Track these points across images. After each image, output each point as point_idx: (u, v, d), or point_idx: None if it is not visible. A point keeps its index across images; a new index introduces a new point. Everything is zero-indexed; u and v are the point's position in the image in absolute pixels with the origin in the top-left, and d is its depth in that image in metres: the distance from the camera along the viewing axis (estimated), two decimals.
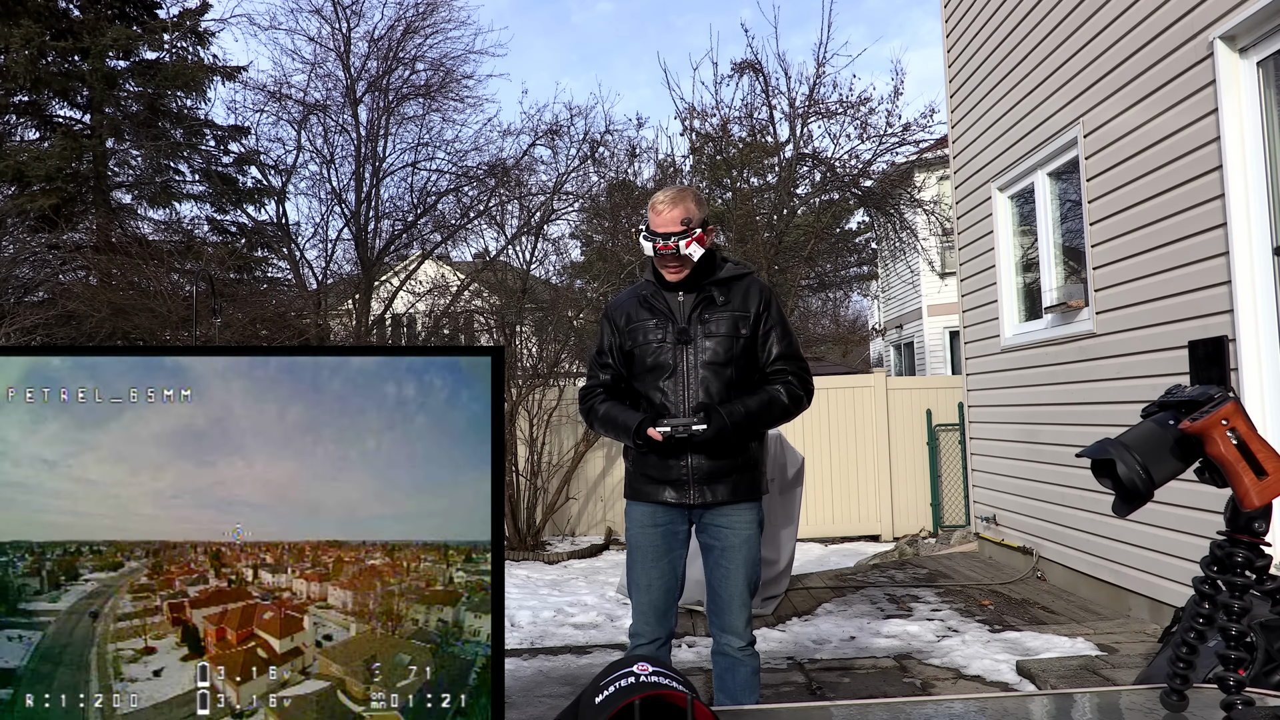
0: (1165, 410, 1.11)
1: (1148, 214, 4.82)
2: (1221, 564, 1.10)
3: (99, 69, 14.12)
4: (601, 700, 0.95)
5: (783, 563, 5.70)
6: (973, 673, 4.20)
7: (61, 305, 10.49)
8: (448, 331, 11.43)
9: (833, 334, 23.52)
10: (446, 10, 13.81)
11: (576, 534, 10.10)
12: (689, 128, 12.55)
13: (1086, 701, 1.30)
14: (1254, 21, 4.00)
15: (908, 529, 9.93)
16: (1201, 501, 4.18)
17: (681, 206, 2.71)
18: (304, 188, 18.94)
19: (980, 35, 7.05)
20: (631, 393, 2.86)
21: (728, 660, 2.76)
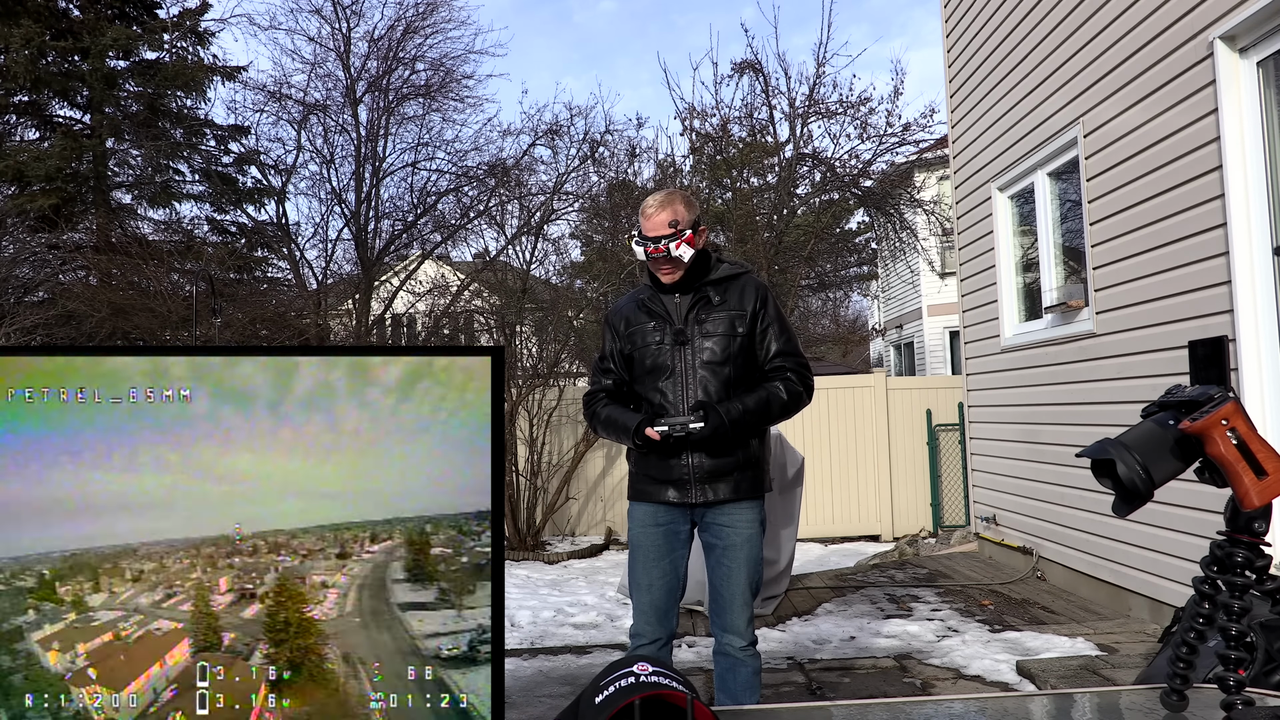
0: (1165, 410, 1.11)
1: (1148, 214, 4.82)
2: (1221, 564, 1.10)
3: (99, 69, 14.12)
4: (601, 700, 0.95)
5: (783, 563, 5.70)
6: (973, 673, 4.20)
7: (61, 305, 10.49)
8: (448, 331, 11.43)
9: (833, 334, 23.53)
10: (446, 10, 13.83)
11: (576, 534, 10.10)
12: (689, 128, 12.56)
13: (1086, 701, 1.30)
14: (1254, 21, 4.00)
15: (908, 529, 9.93)
16: (1201, 501, 4.18)
17: (669, 209, 2.73)
18: (304, 188, 18.99)
19: (980, 35, 7.05)
20: (634, 396, 2.88)
21: (729, 660, 2.76)
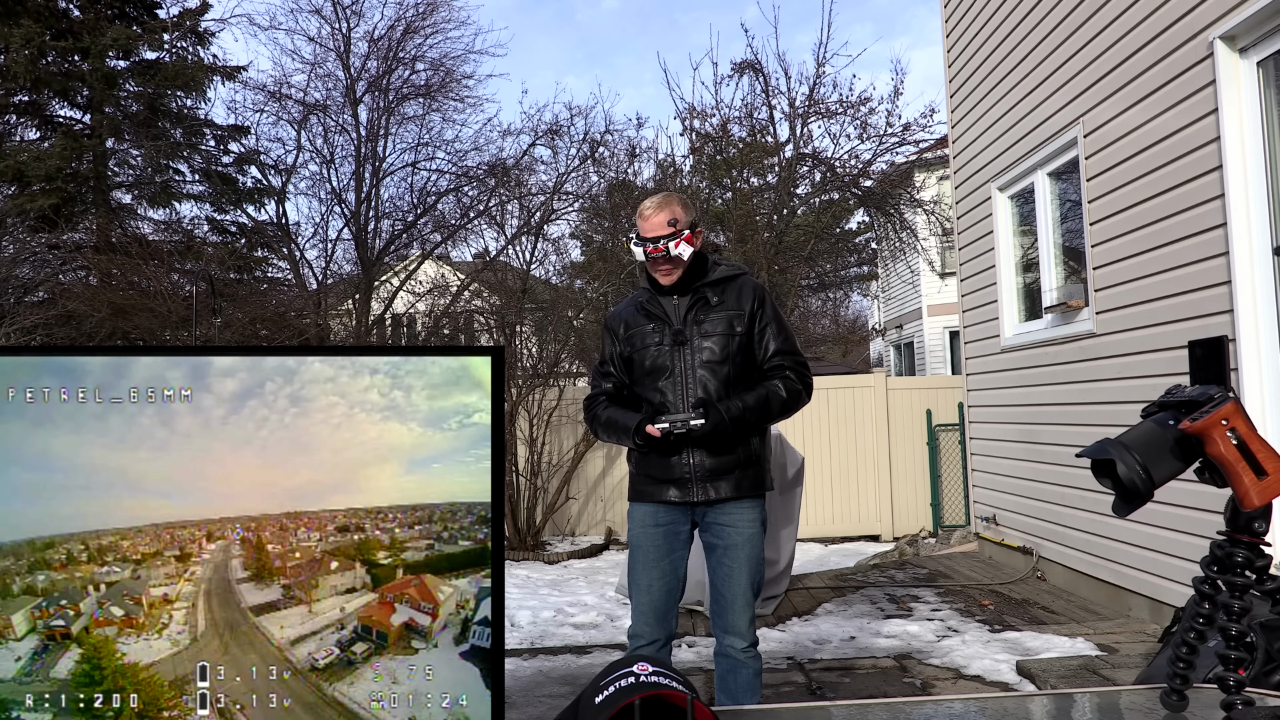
0: (1165, 410, 1.11)
1: (1148, 214, 4.82)
2: (1221, 564, 1.10)
3: (99, 69, 14.12)
4: (601, 700, 0.95)
5: (783, 563, 5.70)
6: (973, 673, 4.20)
7: (61, 305, 10.48)
8: (448, 331, 11.43)
9: (833, 334, 23.54)
10: (446, 10, 13.84)
11: (576, 534, 10.10)
12: (689, 128, 12.57)
13: (1086, 701, 1.30)
14: (1254, 21, 4.00)
15: (908, 529, 9.93)
16: (1201, 501, 4.18)
17: (668, 210, 2.76)
18: (304, 188, 19.00)
19: (980, 35, 7.05)
20: (634, 399, 2.89)
21: (730, 662, 2.76)
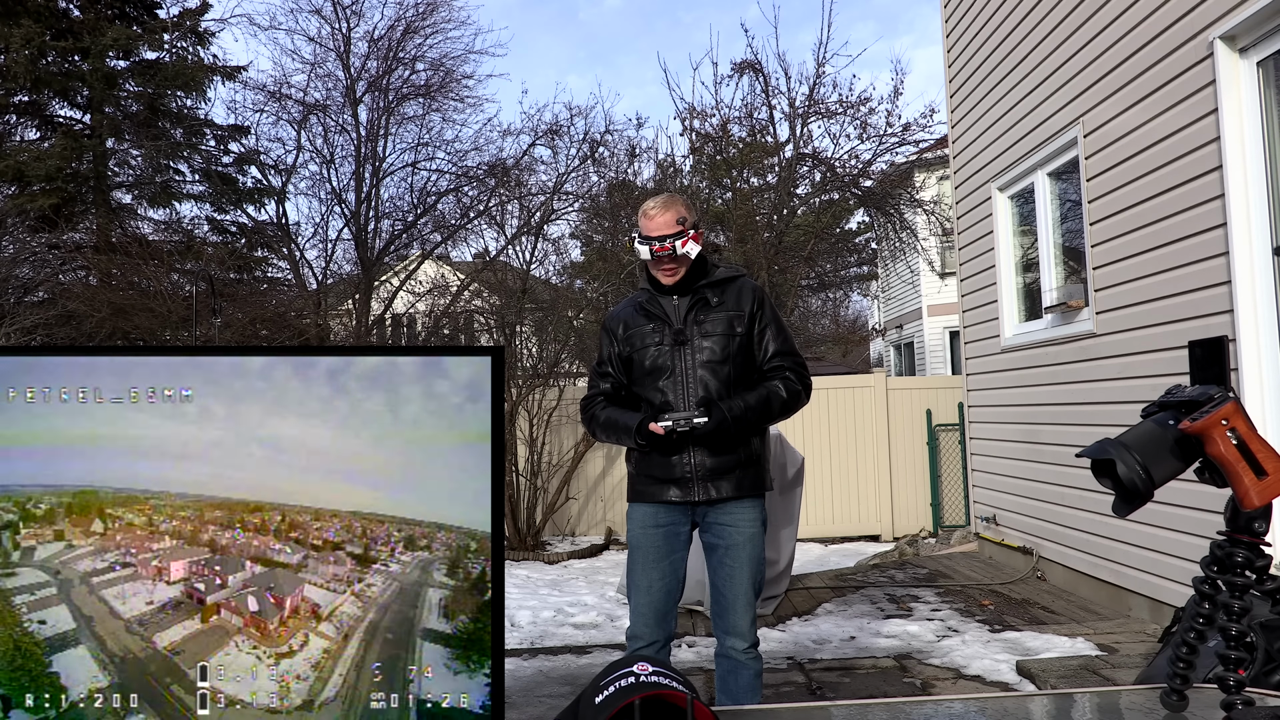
0: (1165, 410, 1.11)
1: (1148, 214, 4.82)
2: (1221, 564, 1.10)
3: (99, 69, 14.12)
4: (601, 700, 0.95)
5: (783, 563, 5.70)
6: (973, 673, 4.20)
7: (61, 305, 10.48)
8: (448, 331, 11.43)
9: (833, 334, 23.53)
10: (446, 10, 13.79)
11: (576, 534, 10.10)
12: (689, 128, 12.56)
13: (1086, 701, 1.30)
14: (1254, 21, 4.00)
15: (908, 529, 9.92)
16: (1201, 501, 4.18)
17: (673, 210, 2.78)
18: (304, 188, 18.92)
19: (980, 35, 7.05)
20: (632, 399, 2.90)
21: (730, 663, 2.76)
